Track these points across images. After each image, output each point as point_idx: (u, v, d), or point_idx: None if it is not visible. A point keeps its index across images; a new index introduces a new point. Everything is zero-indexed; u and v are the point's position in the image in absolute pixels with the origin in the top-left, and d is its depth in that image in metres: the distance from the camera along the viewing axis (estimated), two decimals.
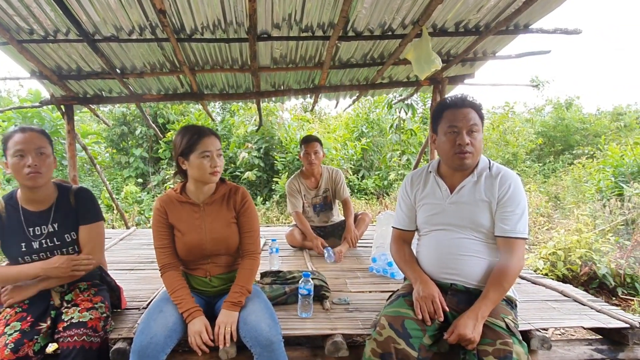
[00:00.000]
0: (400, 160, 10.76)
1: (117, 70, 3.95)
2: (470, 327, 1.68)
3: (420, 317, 1.80)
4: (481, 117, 1.90)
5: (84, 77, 4.09)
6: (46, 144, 1.97)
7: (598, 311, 2.35)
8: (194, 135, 1.95)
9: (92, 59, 3.72)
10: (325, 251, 3.57)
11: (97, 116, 5.81)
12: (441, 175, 2.03)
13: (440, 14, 3.21)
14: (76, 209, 2.08)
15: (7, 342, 1.74)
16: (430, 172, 2.07)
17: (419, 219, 2.09)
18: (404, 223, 2.16)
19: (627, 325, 2.15)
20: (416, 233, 2.18)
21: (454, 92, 4.70)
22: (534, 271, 3.98)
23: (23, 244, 1.96)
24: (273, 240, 3.40)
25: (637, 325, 2.14)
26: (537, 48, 4.06)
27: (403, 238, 2.19)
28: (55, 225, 2.02)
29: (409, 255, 2.12)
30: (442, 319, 1.80)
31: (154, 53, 3.69)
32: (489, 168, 1.93)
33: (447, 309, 1.83)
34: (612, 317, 2.26)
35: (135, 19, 3.07)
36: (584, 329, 2.33)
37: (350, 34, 3.46)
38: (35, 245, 1.97)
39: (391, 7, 3.06)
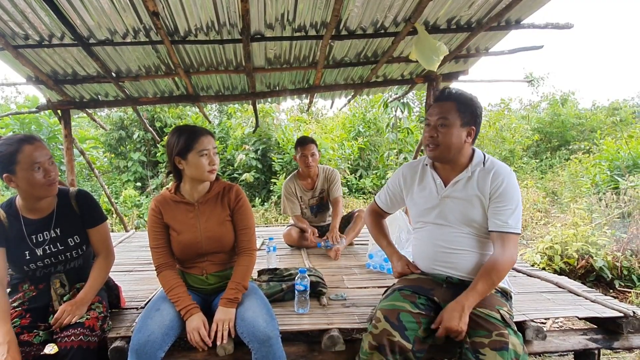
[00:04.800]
0: (397, 158, 10.78)
1: (113, 73, 3.96)
2: (455, 319, 1.70)
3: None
4: (463, 111, 1.87)
5: (80, 82, 4.10)
6: (49, 153, 1.97)
7: (592, 301, 2.37)
8: (191, 134, 1.97)
9: (87, 63, 3.73)
10: (319, 245, 3.74)
11: (94, 120, 5.84)
12: (436, 169, 2.04)
13: (432, 10, 3.23)
14: (80, 214, 2.10)
15: None
16: (426, 165, 2.08)
17: (413, 212, 2.12)
18: (385, 205, 2.31)
19: (622, 315, 2.16)
20: (411, 227, 2.21)
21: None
22: (532, 265, 4.00)
23: (27, 252, 1.97)
24: (270, 239, 3.42)
25: (632, 314, 2.15)
26: (531, 44, 4.07)
27: (379, 213, 2.36)
28: (58, 231, 2.03)
29: (382, 229, 2.36)
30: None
31: (148, 56, 3.70)
32: (483, 163, 1.93)
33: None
34: (606, 306, 2.27)
35: (129, 22, 3.08)
36: (579, 319, 2.35)
37: (343, 32, 3.48)
38: (39, 252, 1.98)
39: (383, 5, 3.07)
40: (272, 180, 9.91)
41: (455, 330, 1.68)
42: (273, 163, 10.05)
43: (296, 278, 2.28)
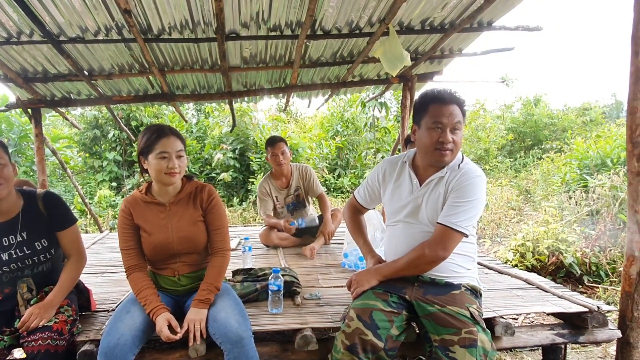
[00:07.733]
0: (375, 158, 10.87)
1: (85, 72, 3.89)
2: (368, 274, 1.99)
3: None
4: (464, 113, 1.90)
5: (51, 80, 4.02)
6: (1, 153, 1.88)
7: (560, 297, 2.43)
8: (153, 134, 1.92)
9: (58, 60, 3.66)
10: (293, 224, 3.72)
11: (67, 119, 5.72)
12: (415, 167, 2.03)
13: (406, 12, 3.27)
14: (48, 217, 2.03)
15: None
16: (405, 162, 2.07)
17: (387, 208, 2.12)
18: (364, 200, 2.28)
19: (587, 310, 2.22)
20: (385, 223, 2.22)
21: (423, 89, 4.78)
22: (504, 262, 4.08)
23: None
24: (246, 238, 3.40)
25: (596, 309, 2.22)
26: (503, 46, 4.15)
27: (358, 208, 2.34)
28: (24, 234, 1.97)
29: (360, 226, 2.33)
30: None
31: (121, 54, 3.65)
32: (459, 165, 1.93)
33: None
34: (572, 302, 2.33)
35: (100, 19, 3.03)
36: (547, 314, 2.41)
37: (319, 32, 3.49)
38: (5, 257, 1.92)
39: (357, 5, 3.09)
40: (250, 179, 9.86)
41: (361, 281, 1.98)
42: (251, 162, 10.00)
43: (270, 278, 2.28)
